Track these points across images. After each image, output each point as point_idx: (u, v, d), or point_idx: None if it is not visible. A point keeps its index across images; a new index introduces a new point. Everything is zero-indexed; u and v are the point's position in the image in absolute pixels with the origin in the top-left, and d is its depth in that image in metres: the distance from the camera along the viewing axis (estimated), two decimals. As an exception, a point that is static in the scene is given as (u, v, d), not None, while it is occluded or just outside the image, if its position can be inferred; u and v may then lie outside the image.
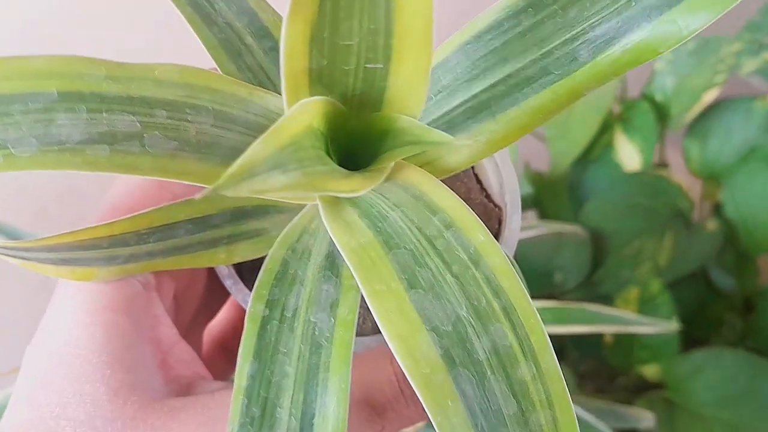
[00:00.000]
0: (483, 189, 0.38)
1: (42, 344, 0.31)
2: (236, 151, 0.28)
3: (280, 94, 0.30)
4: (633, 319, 0.72)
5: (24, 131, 0.25)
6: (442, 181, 0.28)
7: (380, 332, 0.35)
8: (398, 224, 0.26)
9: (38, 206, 0.83)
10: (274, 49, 0.32)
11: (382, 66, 0.24)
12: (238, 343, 0.43)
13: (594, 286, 0.89)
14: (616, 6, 0.26)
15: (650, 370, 0.85)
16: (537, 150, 0.95)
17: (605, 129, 0.91)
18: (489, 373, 0.24)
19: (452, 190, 0.27)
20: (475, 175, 0.38)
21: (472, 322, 0.24)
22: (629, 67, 0.27)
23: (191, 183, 0.27)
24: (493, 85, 0.28)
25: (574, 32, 0.27)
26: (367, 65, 0.24)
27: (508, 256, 0.26)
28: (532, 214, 0.99)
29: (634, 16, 0.26)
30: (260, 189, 0.21)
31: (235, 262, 0.33)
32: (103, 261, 0.31)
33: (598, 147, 0.92)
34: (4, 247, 0.30)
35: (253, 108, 0.28)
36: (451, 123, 0.29)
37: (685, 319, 0.84)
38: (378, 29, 0.23)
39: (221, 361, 0.42)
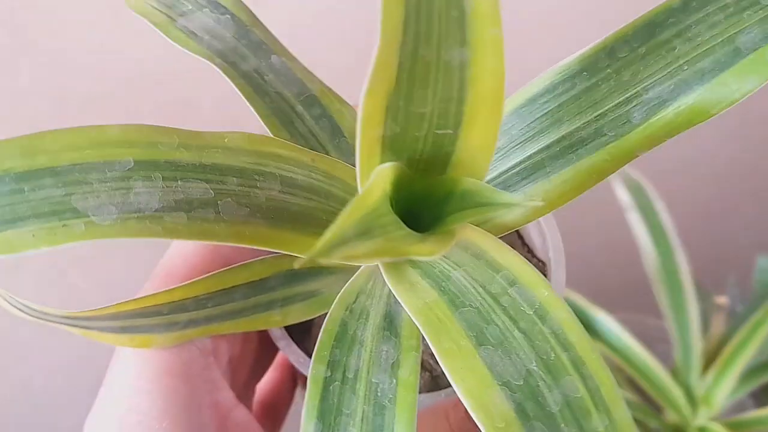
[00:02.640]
0: (525, 244, 0.39)
1: (104, 412, 0.31)
2: (303, 216, 0.28)
3: (334, 158, 0.31)
4: None
5: (103, 199, 0.25)
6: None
7: (434, 389, 0.35)
8: (462, 283, 0.27)
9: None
10: (323, 116, 0.33)
11: (452, 131, 0.25)
12: (285, 403, 0.43)
13: None
14: (669, 69, 0.27)
15: None
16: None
17: None
18: (562, 425, 0.24)
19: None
20: (517, 231, 0.39)
21: (543, 376, 0.25)
22: (682, 129, 0.27)
23: (263, 248, 0.27)
24: (547, 147, 0.29)
25: (627, 95, 0.28)
26: (437, 131, 0.25)
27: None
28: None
29: (687, 79, 0.27)
30: (351, 255, 0.21)
31: (289, 324, 0.34)
32: (162, 327, 0.31)
33: None
34: (68, 317, 0.30)
35: (315, 174, 0.29)
36: (505, 183, 0.30)
37: None
38: (451, 97, 0.24)
39: (268, 420, 0.43)
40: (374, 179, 0.23)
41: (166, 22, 0.32)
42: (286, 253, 0.28)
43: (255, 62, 0.33)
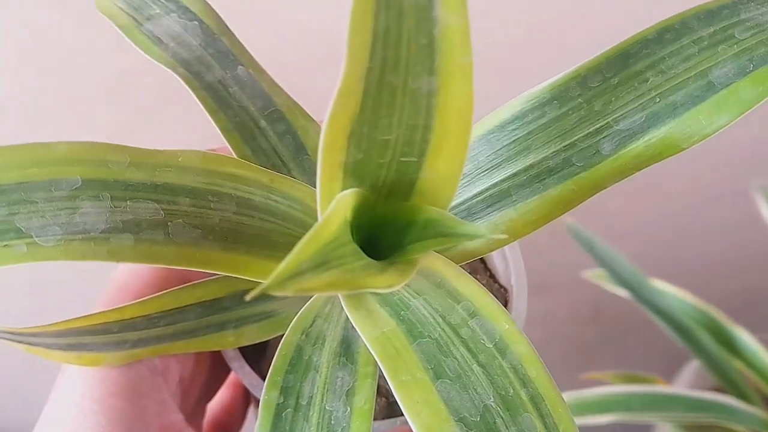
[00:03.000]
0: (487, 269, 0.38)
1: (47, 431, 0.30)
2: (259, 239, 0.27)
3: (296, 178, 0.30)
4: None
5: (48, 219, 0.24)
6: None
7: (390, 416, 0.35)
8: (421, 312, 0.26)
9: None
10: (288, 132, 0.32)
11: (416, 159, 0.24)
12: (237, 422, 0.42)
13: None
14: (641, 101, 0.27)
15: None
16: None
17: None
18: (519, 464, 0.24)
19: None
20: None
21: (501, 413, 0.24)
22: (652, 161, 0.27)
23: (215, 272, 0.26)
24: (514, 175, 0.28)
25: (598, 125, 0.27)
26: (402, 158, 0.24)
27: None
28: None
29: (659, 112, 0.27)
30: (306, 287, 0.20)
31: (243, 345, 0.33)
32: (112, 346, 0.30)
33: None
34: (11, 333, 0.29)
35: (274, 195, 0.28)
36: (470, 210, 0.29)
37: None
38: (417, 125, 0.23)
39: None
40: (334, 208, 0.22)
41: (131, 26, 0.31)
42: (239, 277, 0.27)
43: (220, 73, 0.32)
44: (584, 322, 0.95)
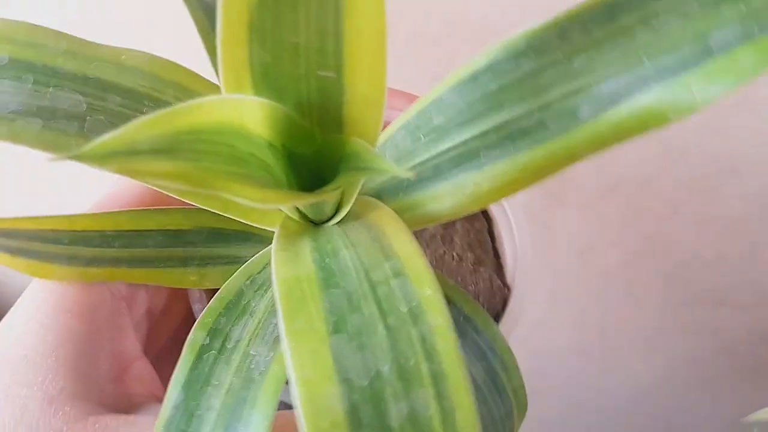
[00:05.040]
0: (499, 264, 0.35)
1: None
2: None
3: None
4: None
5: None
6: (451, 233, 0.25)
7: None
8: (346, 263, 0.24)
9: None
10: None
11: (334, 75, 0.22)
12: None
13: None
14: (626, 61, 0.23)
15: None
16: None
17: None
18: (397, 444, 0.20)
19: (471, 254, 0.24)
20: (494, 249, 0.35)
21: (393, 382, 0.21)
22: (634, 133, 0.23)
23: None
24: (484, 133, 0.25)
25: (577, 84, 0.24)
26: (319, 71, 0.22)
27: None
28: None
29: (645, 76, 0.23)
30: (135, 169, 0.18)
31: (206, 287, 0.31)
32: (63, 259, 0.29)
33: None
34: None
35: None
36: (437, 169, 0.26)
37: None
38: (326, 29, 0.21)
39: None
40: (208, 100, 0.20)
41: None
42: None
43: None
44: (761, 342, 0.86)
